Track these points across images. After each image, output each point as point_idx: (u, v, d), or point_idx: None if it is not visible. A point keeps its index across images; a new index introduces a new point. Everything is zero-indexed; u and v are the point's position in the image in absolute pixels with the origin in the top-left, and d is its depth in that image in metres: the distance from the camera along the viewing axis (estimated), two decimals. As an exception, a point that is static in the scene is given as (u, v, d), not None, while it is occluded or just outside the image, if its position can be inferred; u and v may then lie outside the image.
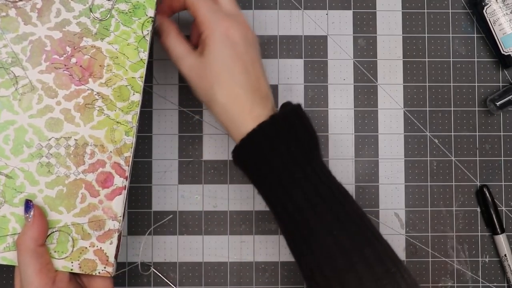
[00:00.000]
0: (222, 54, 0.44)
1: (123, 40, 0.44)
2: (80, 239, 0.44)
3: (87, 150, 0.44)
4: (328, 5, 0.57)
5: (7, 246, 0.44)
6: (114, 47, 0.44)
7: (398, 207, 0.56)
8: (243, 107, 0.43)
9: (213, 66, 0.44)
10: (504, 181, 0.56)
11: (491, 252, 0.56)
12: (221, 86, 0.43)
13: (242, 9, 0.56)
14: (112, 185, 0.44)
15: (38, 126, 0.44)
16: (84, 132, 0.44)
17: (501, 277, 0.56)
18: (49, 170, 0.44)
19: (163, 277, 0.55)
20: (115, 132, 0.44)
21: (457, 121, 0.56)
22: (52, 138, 0.44)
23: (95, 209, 0.44)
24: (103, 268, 0.44)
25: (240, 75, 0.44)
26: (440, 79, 0.56)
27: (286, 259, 0.55)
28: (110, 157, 0.44)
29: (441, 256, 0.56)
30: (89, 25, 0.44)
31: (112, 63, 0.44)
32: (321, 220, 0.41)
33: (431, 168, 0.56)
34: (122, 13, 0.44)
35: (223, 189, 0.56)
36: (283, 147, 0.42)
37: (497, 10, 0.54)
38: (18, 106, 0.43)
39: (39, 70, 0.44)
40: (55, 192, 0.44)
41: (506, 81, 0.57)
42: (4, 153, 0.43)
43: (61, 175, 0.44)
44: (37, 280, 0.41)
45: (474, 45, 0.57)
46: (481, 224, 0.56)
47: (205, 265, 0.55)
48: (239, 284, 0.55)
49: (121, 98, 0.44)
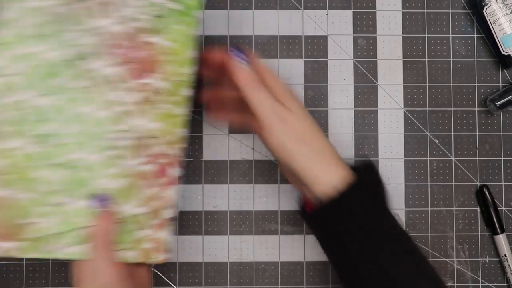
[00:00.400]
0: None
1: (178, 37, 0.46)
2: (139, 229, 0.45)
3: (146, 142, 0.45)
4: (328, 5, 0.57)
5: (73, 240, 0.44)
6: (170, 44, 0.45)
7: (398, 207, 0.56)
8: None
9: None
10: (504, 181, 0.56)
11: (491, 252, 0.56)
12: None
13: (242, 9, 0.57)
14: (168, 176, 0.46)
15: (101, 119, 0.44)
16: (143, 125, 0.45)
17: (501, 277, 0.56)
18: (112, 162, 0.45)
19: (164, 277, 0.55)
20: (171, 124, 0.45)
21: (457, 121, 0.56)
22: (115, 131, 0.45)
23: (154, 200, 0.45)
24: (159, 255, 0.45)
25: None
26: (440, 79, 0.56)
27: (286, 259, 0.55)
28: (167, 149, 0.45)
29: (441, 256, 0.56)
30: (147, 20, 0.45)
31: (168, 58, 0.45)
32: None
33: (431, 168, 0.56)
34: (176, 12, 0.46)
35: (223, 189, 0.56)
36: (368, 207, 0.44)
37: (497, 10, 0.54)
38: (82, 100, 0.44)
39: (102, 64, 0.45)
40: (118, 184, 0.45)
41: (506, 81, 0.57)
42: (69, 147, 0.44)
43: (123, 167, 0.45)
44: (114, 272, 0.42)
45: (474, 45, 0.57)
46: (481, 224, 0.56)
47: (205, 265, 0.55)
48: (239, 284, 0.55)
49: (176, 93, 0.46)
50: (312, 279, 0.55)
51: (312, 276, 0.55)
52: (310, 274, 0.55)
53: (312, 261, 0.55)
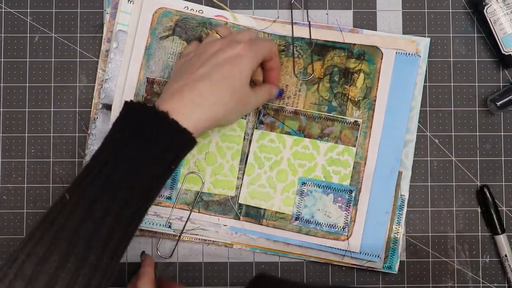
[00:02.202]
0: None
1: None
2: None
3: None
4: (328, 5, 0.57)
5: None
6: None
7: (398, 207, 0.56)
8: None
9: None
10: (504, 181, 0.56)
11: (491, 252, 0.56)
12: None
13: (242, 9, 0.57)
14: None
15: None
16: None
17: (502, 277, 0.56)
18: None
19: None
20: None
21: (457, 121, 0.56)
22: None
23: None
24: None
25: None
26: (440, 79, 0.56)
27: (286, 259, 0.55)
28: None
29: (442, 256, 0.56)
30: None
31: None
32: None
33: (431, 168, 0.56)
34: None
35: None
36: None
37: (497, 10, 0.54)
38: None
39: None
40: None
41: (507, 81, 0.57)
42: None
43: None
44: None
45: (474, 45, 0.57)
46: (481, 224, 0.56)
47: (205, 265, 0.55)
48: (239, 284, 0.55)
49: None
50: (312, 279, 0.55)
51: (312, 276, 0.55)
52: (310, 274, 0.55)
53: (312, 261, 0.55)
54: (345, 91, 0.54)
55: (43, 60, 0.56)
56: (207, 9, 0.55)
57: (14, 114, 0.56)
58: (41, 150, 0.55)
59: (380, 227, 0.54)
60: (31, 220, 0.55)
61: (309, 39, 0.55)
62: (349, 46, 0.55)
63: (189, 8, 0.55)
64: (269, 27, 0.55)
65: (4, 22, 0.56)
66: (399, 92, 0.54)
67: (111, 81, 0.55)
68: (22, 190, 0.55)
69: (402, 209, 0.55)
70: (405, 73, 0.54)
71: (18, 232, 0.55)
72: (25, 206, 0.55)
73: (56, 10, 0.56)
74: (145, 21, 0.54)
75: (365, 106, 0.54)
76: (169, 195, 0.54)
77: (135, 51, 0.54)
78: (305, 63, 0.55)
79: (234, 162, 0.54)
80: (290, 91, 0.55)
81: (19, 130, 0.55)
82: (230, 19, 0.55)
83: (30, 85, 0.56)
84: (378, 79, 0.54)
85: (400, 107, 0.54)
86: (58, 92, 0.56)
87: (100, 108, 0.55)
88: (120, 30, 0.55)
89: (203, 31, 0.54)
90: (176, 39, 0.55)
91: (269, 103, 0.54)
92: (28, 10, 0.56)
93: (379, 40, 0.55)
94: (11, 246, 0.55)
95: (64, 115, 0.56)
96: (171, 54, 0.55)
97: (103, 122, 0.55)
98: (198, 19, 0.55)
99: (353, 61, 0.54)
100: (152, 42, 0.54)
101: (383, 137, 0.54)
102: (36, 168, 0.55)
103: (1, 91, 0.56)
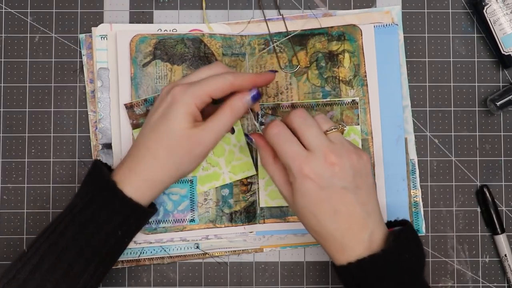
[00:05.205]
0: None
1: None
2: None
3: None
4: (328, 5, 0.57)
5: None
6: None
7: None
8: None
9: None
10: (504, 181, 0.56)
11: (491, 252, 0.56)
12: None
13: (242, 9, 0.57)
14: None
15: None
16: None
17: (501, 277, 0.56)
18: None
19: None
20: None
21: (457, 121, 0.56)
22: None
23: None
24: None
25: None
26: (440, 79, 0.56)
27: (286, 259, 0.55)
28: None
29: (441, 256, 0.56)
30: None
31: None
32: None
33: (431, 168, 0.56)
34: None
35: (223, 189, 0.56)
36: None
37: (497, 10, 0.54)
38: None
39: None
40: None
41: (506, 81, 0.57)
42: None
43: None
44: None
45: (474, 45, 0.57)
46: (481, 224, 0.56)
47: (205, 265, 0.55)
48: (239, 284, 0.55)
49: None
50: (312, 279, 0.55)
51: (312, 276, 0.55)
52: (310, 274, 0.55)
53: (312, 261, 0.55)
54: (335, 74, 0.55)
55: (43, 60, 0.56)
56: (180, 26, 0.55)
57: (14, 114, 0.56)
58: (41, 150, 0.55)
59: (400, 194, 0.54)
60: (31, 220, 0.55)
61: (286, 31, 0.55)
62: (327, 30, 0.55)
63: (163, 29, 0.55)
64: (245, 29, 0.55)
65: (4, 22, 0.56)
66: (386, 63, 0.55)
67: (105, 120, 0.54)
68: (22, 190, 0.55)
69: (414, 173, 0.55)
70: (387, 44, 0.55)
71: (18, 232, 0.55)
72: (25, 206, 0.55)
73: (56, 10, 0.56)
74: (124, 52, 0.54)
75: (358, 83, 0.54)
76: (191, 218, 0.54)
77: (121, 84, 0.54)
78: (289, 56, 0.55)
79: (241, 142, 0.54)
80: (281, 86, 0.55)
81: (19, 130, 0.55)
82: (206, 30, 0.55)
83: (30, 85, 0.56)
84: (363, 55, 0.55)
85: (390, 76, 0.55)
86: (58, 92, 0.56)
87: (101, 149, 0.54)
88: (101, 68, 0.54)
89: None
90: (158, 62, 0.54)
91: (263, 102, 0.54)
92: (28, 10, 0.56)
93: (355, 18, 0.55)
94: (11, 246, 0.55)
95: (64, 115, 0.56)
96: (157, 79, 0.54)
97: (107, 162, 0.54)
98: (175, 37, 0.54)
99: (334, 43, 0.55)
100: (136, 71, 0.54)
101: (382, 109, 0.55)
102: (36, 168, 0.55)
103: (1, 91, 0.56)
